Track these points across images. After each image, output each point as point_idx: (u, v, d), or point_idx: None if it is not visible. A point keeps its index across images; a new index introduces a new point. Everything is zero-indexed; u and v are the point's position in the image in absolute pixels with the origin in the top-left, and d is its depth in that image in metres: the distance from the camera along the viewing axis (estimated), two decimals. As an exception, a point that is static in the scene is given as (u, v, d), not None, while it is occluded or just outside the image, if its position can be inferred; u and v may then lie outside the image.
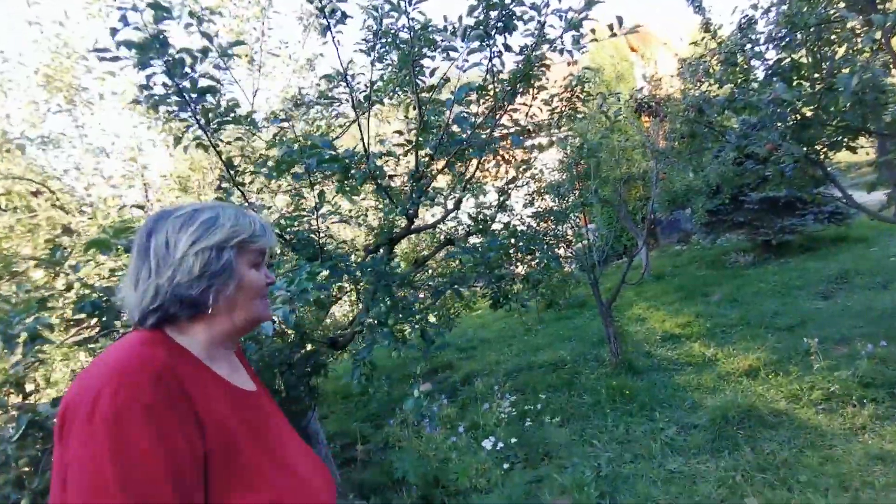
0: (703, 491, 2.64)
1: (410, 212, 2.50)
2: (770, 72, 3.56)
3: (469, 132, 2.15)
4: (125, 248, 2.15)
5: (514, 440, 3.34)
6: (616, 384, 4.21)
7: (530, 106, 4.07)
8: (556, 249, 4.44)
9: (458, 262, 3.03)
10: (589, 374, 4.83)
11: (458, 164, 2.80)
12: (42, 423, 2.02)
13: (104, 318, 2.14)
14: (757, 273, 7.28)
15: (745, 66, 3.52)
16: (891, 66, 2.99)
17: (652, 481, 2.81)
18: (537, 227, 4.43)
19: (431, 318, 6.09)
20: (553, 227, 4.58)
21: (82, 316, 2.41)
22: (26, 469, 2.12)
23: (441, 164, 2.73)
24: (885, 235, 7.40)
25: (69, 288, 2.38)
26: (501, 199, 4.08)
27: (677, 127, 4.06)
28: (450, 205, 3.63)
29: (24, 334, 1.66)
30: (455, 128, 2.17)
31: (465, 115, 2.12)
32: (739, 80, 3.79)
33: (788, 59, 3.22)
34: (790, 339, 4.47)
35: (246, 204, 2.07)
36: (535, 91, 3.93)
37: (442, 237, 4.40)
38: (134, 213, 3.26)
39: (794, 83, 3.22)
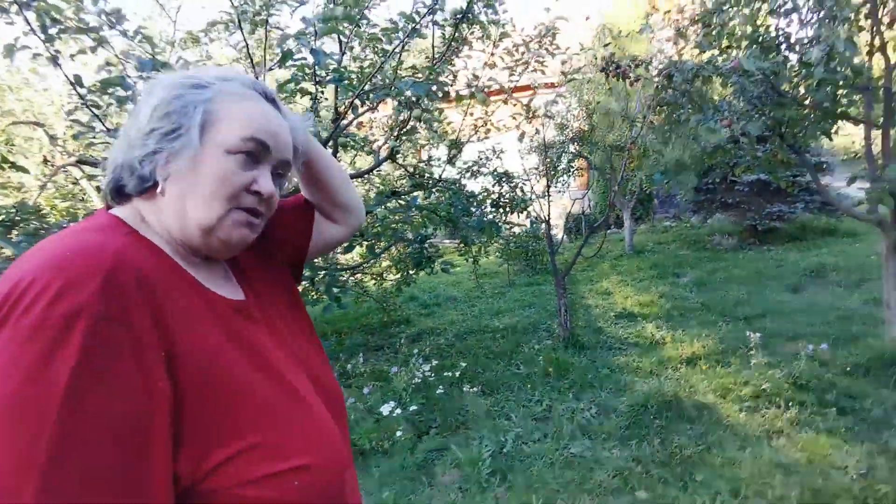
0: (598, 478, 2.53)
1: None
2: (757, 38, 3.21)
3: (339, 73, 1.88)
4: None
5: (413, 407, 3.23)
6: (554, 358, 4.08)
7: (492, 54, 3.75)
8: (510, 215, 4.21)
9: (374, 215, 2.82)
10: (534, 345, 4.70)
11: (366, 108, 2.54)
12: None
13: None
14: (735, 258, 7.05)
15: (725, 31, 3.15)
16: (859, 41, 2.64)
17: (550, 463, 2.70)
18: (492, 190, 4.20)
19: (391, 276, 5.94)
20: (510, 191, 4.33)
21: None
22: None
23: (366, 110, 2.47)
24: (874, 231, 7.07)
25: None
26: (452, 153, 3.83)
27: (651, 94, 3.72)
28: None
29: None
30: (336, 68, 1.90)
31: (323, 52, 1.85)
32: (724, 46, 3.44)
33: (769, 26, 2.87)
34: (743, 330, 4.29)
35: (104, 129, 1.84)
36: (497, 39, 3.60)
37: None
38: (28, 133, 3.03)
39: (771, 55, 2.89)
